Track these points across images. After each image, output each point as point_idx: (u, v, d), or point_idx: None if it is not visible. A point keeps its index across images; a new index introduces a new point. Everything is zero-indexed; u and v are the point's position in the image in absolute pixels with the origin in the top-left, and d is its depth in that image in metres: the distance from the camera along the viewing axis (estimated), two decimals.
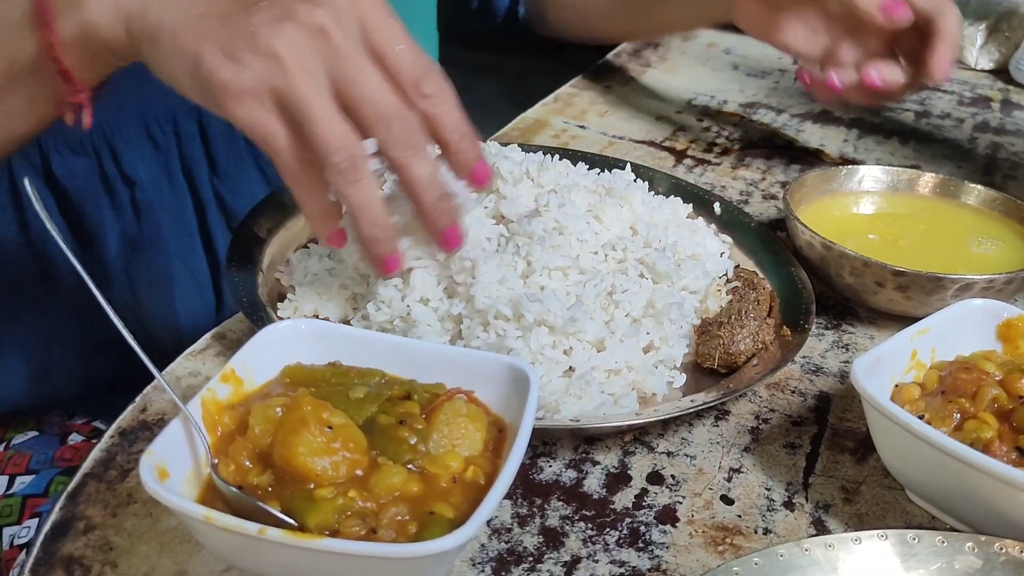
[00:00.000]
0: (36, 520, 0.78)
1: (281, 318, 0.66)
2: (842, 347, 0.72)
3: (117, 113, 0.76)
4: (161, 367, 0.52)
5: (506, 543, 0.53)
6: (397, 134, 0.55)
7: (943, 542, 0.49)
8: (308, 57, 0.53)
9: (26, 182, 0.51)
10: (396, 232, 0.59)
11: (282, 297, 0.69)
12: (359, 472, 0.47)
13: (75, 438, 0.85)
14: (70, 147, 0.77)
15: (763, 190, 0.95)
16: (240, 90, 0.53)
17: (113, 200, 0.79)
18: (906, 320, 0.65)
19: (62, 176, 0.78)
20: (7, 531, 0.78)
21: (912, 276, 0.70)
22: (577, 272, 0.66)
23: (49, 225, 0.51)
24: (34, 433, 0.85)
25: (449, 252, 0.62)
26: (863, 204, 0.84)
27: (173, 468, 0.46)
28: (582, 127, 1.06)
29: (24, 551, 0.76)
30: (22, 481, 0.80)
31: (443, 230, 0.59)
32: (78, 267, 0.51)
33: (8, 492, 0.80)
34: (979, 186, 0.84)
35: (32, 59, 0.58)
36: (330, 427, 0.48)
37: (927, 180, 0.85)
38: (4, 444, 0.84)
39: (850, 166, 0.86)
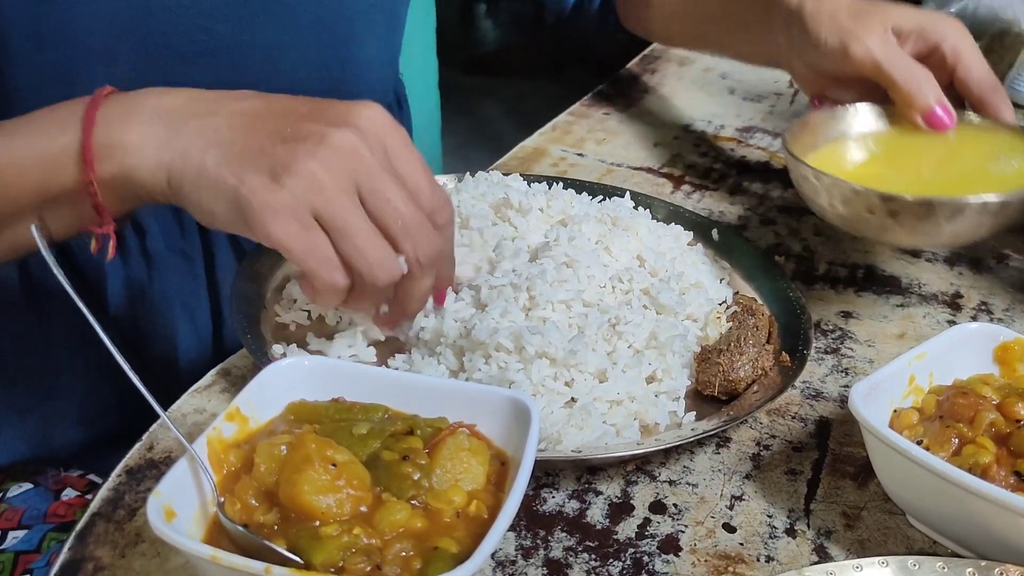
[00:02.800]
0: None
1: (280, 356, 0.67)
2: (841, 371, 0.73)
3: None
4: (161, 402, 0.52)
5: None
6: (423, 248, 0.60)
7: (943, 568, 0.49)
8: (343, 176, 0.57)
9: (33, 229, 0.52)
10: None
11: (282, 332, 0.70)
12: (363, 509, 0.48)
13: (69, 493, 0.85)
14: None
15: (761, 215, 0.96)
16: (281, 209, 0.56)
17: (121, 249, 0.80)
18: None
19: None
20: None
21: (901, 202, 0.68)
22: (581, 304, 0.67)
23: (58, 272, 0.52)
24: (29, 486, 0.85)
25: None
26: (874, 144, 0.82)
27: (180, 508, 0.47)
28: (580, 155, 1.07)
29: None
30: (15, 536, 0.80)
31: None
32: (86, 313, 0.52)
33: (1, 547, 0.80)
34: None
35: (66, 190, 0.59)
36: (334, 464, 0.48)
37: None
38: None
39: (855, 104, 0.83)
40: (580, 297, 0.67)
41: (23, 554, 0.79)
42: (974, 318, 0.80)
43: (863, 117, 0.83)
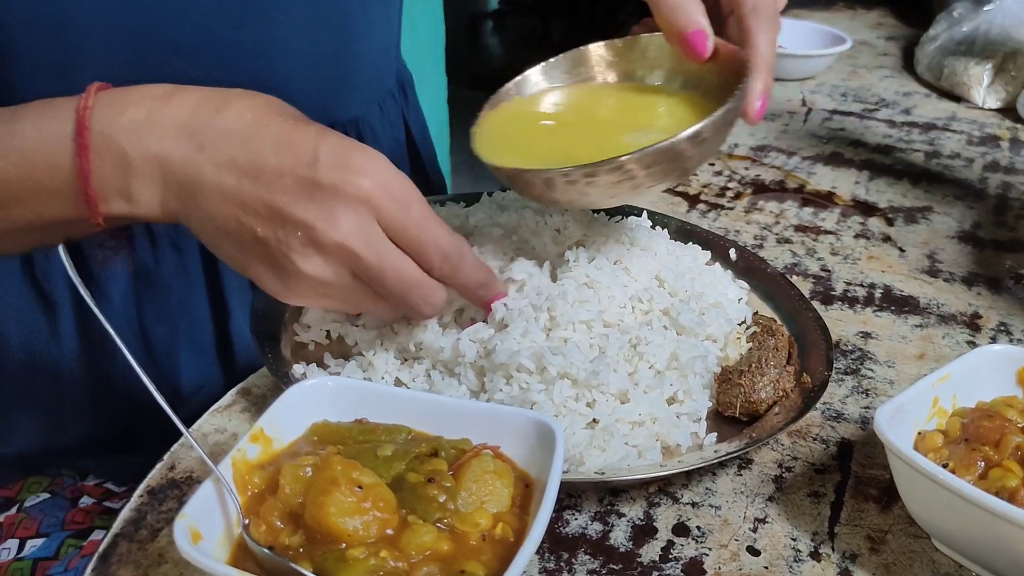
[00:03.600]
0: None
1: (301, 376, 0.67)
2: (862, 392, 0.73)
3: None
4: (167, 397, 0.52)
5: None
6: (465, 274, 0.63)
7: None
8: (369, 232, 0.58)
9: (60, 250, 0.52)
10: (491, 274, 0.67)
11: (302, 351, 0.70)
12: (390, 531, 0.48)
13: (86, 501, 0.85)
14: None
15: (777, 234, 0.96)
16: (300, 296, 0.60)
17: (126, 230, 0.80)
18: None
19: None
20: None
21: (502, 171, 0.64)
22: (601, 325, 0.67)
23: (82, 289, 0.52)
24: (46, 495, 0.85)
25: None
26: (546, 102, 0.75)
27: (206, 530, 0.47)
28: None
29: None
30: (32, 544, 0.80)
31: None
32: (108, 327, 0.52)
33: (19, 555, 0.80)
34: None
35: (65, 218, 0.60)
36: (360, 487, 0.48)
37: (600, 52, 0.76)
38: (17, 506, 0.84)
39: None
40: (601, 318, 0.67)
41: (41, 560, 0.79)
42: (993, 339, 0.80)
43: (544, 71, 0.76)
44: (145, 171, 0.58)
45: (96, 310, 0.53)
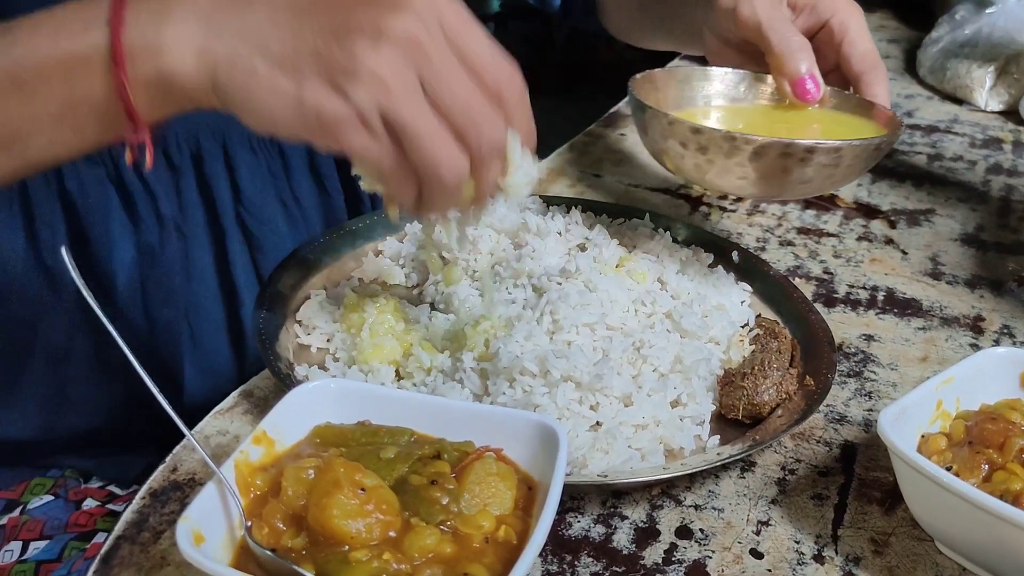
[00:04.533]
0: None
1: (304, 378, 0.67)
2: (865, 395, 0.72)
3: None
4: (173, 397, 0.52)
5: None
6: (487, 138, 0.56)
7: None
8: (406, 73, 0.53)
9: (63, 251, 0.52)
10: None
11: (304, 354, 0.70)
12: (392, 534, 0.48)
13: (89, 503, 0.85)
14: (87, 156, 0.75)
15: (779, 236, 0.96)
16: (352, 119, 0.53)
17: (132, 213, 0.80)
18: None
19: (74, 191, 0.78)
20: None
21: (708, 135, 0.68)
22: (605, 328, 0.67)
23: (84, 291, 0.52)
24: (49, 497, 0.85)
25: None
26: (726, 111, 0.83)
27: (208, 532, 0.47)
28: (597, 176, 1.07)
29: None
30: (36, 547, 0.80)
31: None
32: (111, 330, 0.52)
33: (22, 558, 0.80)
34: (833, 89, 0.81)
35: (94, 96, 0.56)
36: (363, 489, 0.48)
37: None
38: (20, 508, 0.84)
39: (712, 68, 0.85)
40: (604, 321, 0.67)
41: (44, 563, 0.79)
42: (996, 342, 0.80)
43: (729, 84, 0.84)
44: (184, 15, 0.55)
45: (99, 311, 0.52)
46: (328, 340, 0.72)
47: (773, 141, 0.67)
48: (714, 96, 0.84)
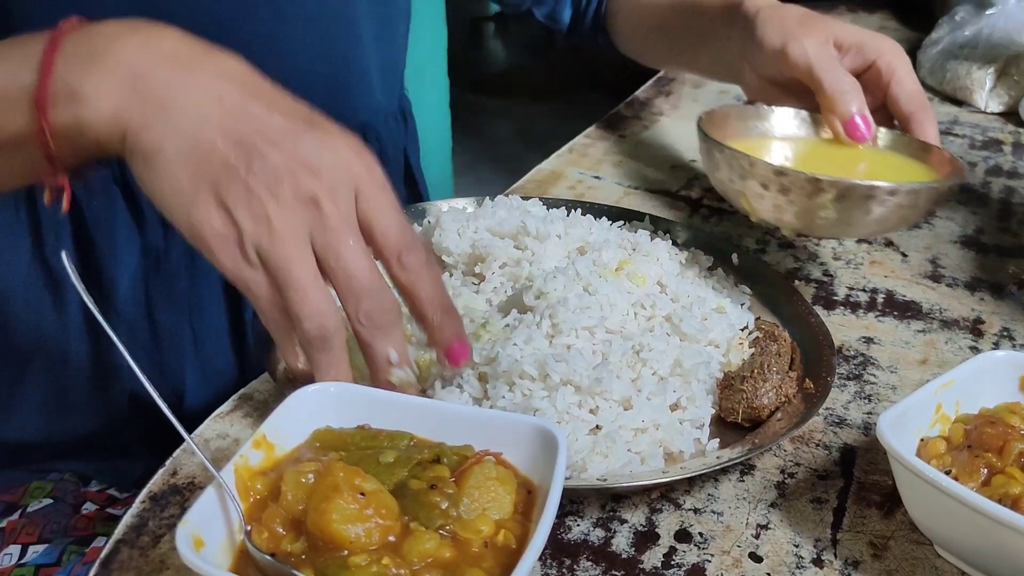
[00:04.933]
0: None
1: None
2: (864, 398, 0.72)
3: None
4: (174, 401, 0.52)
5: None
6: (366, 311, 0.57)
7: None
8: (296, 225, 0.55)
9: (63, 256, 0.52)
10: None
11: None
12: (392, 538, 0.48)
13: (89, 507, 0.86)
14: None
15: (779, 239, 0.96)
16: (228, 243, 0.55)
17: (138, 215, 0.80)
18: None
19: (80, 193, 0.78)
20: None
21: (792, 177, 0.70)
22: (604, 331, 0.67)
23: (87, 300, 0.52)
24: (49, 501, 0.85)
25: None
26: (787, 147, 0.86)
27: (208, 536, 0.47)
28: (597, 177, 1.07)
29: None
30: (35, 550, 0.80)
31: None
32: (111, 334, 0.52)
33: (21, 561, 0.80)
34: (883, 128, 0.84)
35: (20, 133, 0.56)
36: (362, 493, 0.48)
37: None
38: (19, 512, 0.84)
39: (775, 107, 0.87)
40: (603, 324, 0.67)
41: (43, 567, 0.79)
42: (996, 344, 0.80)
43: (781, 120, 0.86)
44: (113, 67, 0.55)
45: (100, 318, 0.52)
46: None
47: (856, 184, 0.70)
48: (766, 130, 0.86)
